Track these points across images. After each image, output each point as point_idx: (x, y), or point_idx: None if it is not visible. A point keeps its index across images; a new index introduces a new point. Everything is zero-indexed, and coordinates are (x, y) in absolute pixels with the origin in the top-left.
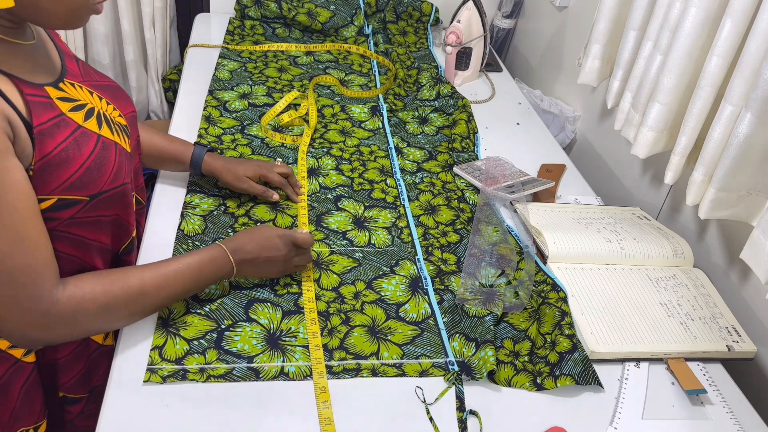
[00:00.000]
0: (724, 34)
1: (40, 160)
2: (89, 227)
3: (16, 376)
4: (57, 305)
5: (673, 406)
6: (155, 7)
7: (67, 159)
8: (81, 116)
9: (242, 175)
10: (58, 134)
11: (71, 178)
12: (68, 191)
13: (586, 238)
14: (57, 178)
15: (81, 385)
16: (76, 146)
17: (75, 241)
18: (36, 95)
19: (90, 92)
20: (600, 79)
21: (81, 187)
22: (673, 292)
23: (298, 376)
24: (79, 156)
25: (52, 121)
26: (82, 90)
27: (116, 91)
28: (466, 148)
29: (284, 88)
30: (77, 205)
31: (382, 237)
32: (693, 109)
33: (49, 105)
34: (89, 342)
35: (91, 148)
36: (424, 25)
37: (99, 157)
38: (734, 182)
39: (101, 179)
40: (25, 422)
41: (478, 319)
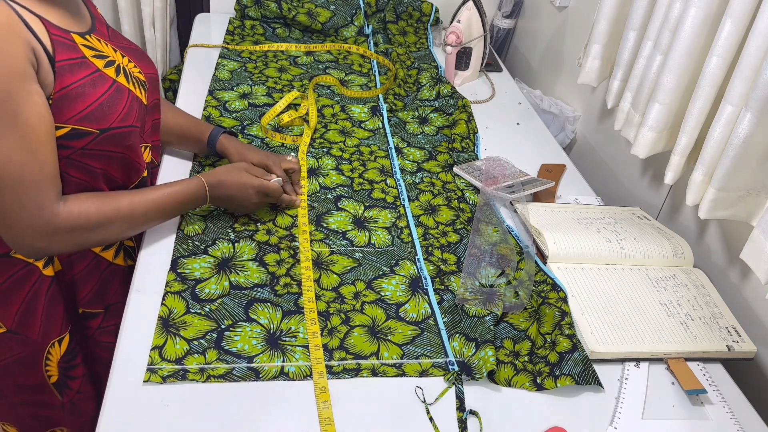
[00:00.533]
0: (724, 34)
1: (59, 91)
2: (99, 159)
3: (41, 289)
4: (57, 217)
5: (673, 406)
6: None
7: (83, 94)
8: (101, 63)
9: (247, 160)
10: (77, 72)
11: (84, 111)
12: (81, 122)
13: (586, 238)
14: (72, 109)
15: (97, 300)
16: (92, 85)
17: (86, 169)
18: (61, 36)
19: (114, 50)
20: (600, 79)
21: (93, 120)
22: (673, 292)
23: (298, 376)
24: (94, 93)
25: (73, 60)
26: (107, 46)
27: (141, 54)
28: (466, 148)
29: (284, 88)
30: (88, 137)
31: (382, 237)
32: (693, 109)
33: (72, 47)
34: (100, 259)
35: (105, 88)
36: (424, 25)
37: (112, 97)
38: (734, 182)
39: (111, 116)
40: (51, 336)
41: (478, 319)
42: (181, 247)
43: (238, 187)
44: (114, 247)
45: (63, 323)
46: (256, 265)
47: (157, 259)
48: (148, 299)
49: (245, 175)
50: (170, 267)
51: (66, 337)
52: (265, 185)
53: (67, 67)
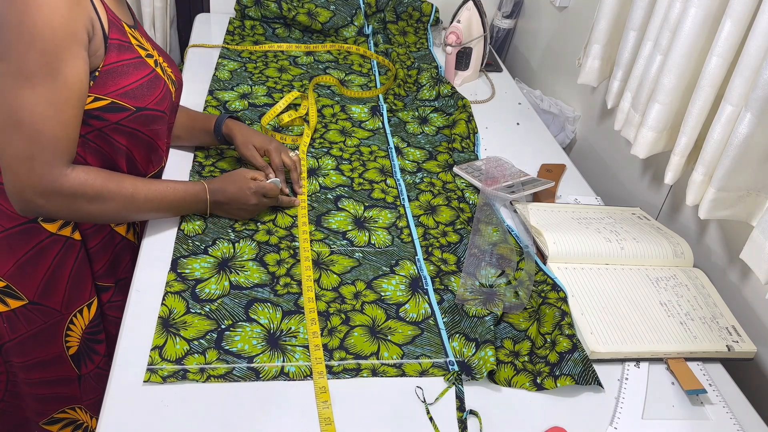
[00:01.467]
0: (724, 34)
1: (106, 66)
2: (126, 136)
3: (69, 254)
4: (62, 178)
5: (673, 406)
6: (155, 7)
7: (126, 72)
8: (143, 53)
9: (250, 143)
10: (124, 53)
11: (127, 87)
12: (121, 97)
13: (586, 238)
14: (116, 83)
15: (109, 274)
16: (136, 67)
17: (113, 145)
18: (115, 20)
19: (152, 48)
20: (600, 79)
21: (132, 98)
22: (673, 292)
23: (298, 376)
24: (137, 74)
25: (122, 42)
26: (147, 43)
27: (170, 58)
28: (466, 148)
29: (284, 88)
30: (125, 112)
31: (382, 237)
32: (693, 109)
33: (123, 31)
34: (114, 233)
35: (146, 73)
36: (424, 25)
37: (151, 81)
38: (734, 182)
39: (150, 97)
40: (76, 304)
41: (478, 319)
42: (181, 247)
43: (237, 188)
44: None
45: (91, 290)
46: (256, 265)
47: (157, 259)
48: (148, 299)
49: (243, 178)
50: (170, 267)
51: (95, 303)
52: (262, 185)
53: (116, 45)
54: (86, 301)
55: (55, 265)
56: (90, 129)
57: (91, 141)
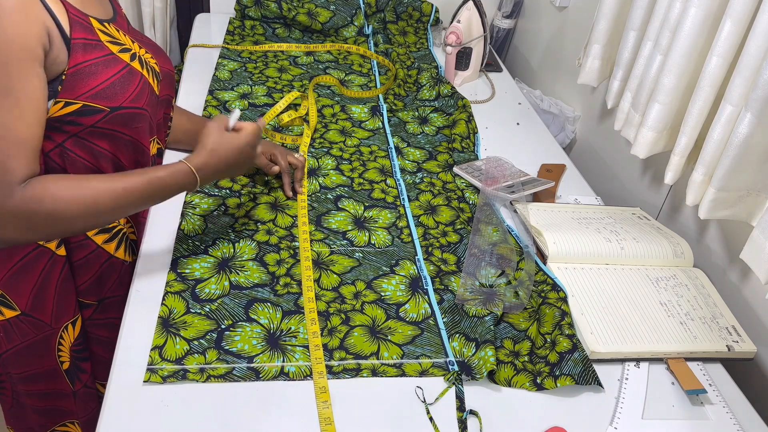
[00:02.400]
0: (724, 34)
1: (72, 68)
2: (107, 139)
3: (53, 269)
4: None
5: (673, 406)
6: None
7: (95, 72)
8: (116, 48)
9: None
10: (91, 51)
11: (97, 88)
12: (93, 99)
13: (586, 238)
14: (85, 85)
15: (91, 292)
16: (105, 65)
17: (93, 150)
18: (78, 17)
19: (132, 41)
20: (600, 79)
21: (104, 98)
22: (673, 292)
23: (298, 376)
24: (106, 72)
25: (88, 41)
26: (125, 37)
27: (159, 50)
28: (466, 148)
29: (284, 88)
30: (99, 114)
31: (382, 237)
32: (693, 109)
33: (89, 29)
34: (101, 252)
35: (118, 69)
36: (424, 25)
37: (124, 77)
38: (734, 182)
39: (123, 95)
40: (63, 319)
41: (478, 319)
42: (181, 247)
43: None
44: (116, 240)
45: (75, 306)
46: (256, 265)
47: (157, 259)
48: (148, 299)
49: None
50: (170, 267)
51: (79, 319)
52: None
53: (81, 45)
54: (71, 317)
55: (42, 278)
56: (66, 136)
57: (69, 150)
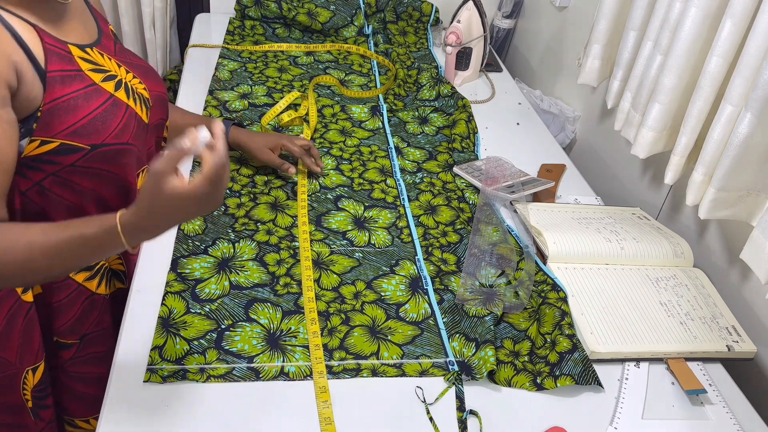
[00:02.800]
0: (724, 34)
1: (48, 103)
2: (89, 178)
3: (19, 313)
4: None
5: (673, 406)
6: (155, 7)
7: (75, 107)
8: (99, 77)
9: (263, 146)
10: (70, 84)
11: (76, 125)
12: (71, 137)
13: (586, 238)
14: (62, 122)
15: (73, 331)
16: (86, 98)
17: (74, 189)
18: (56, 46)
19: (118, 65)
20: (600, 79)
21: (84, 135)
22: (673, 292)
23: (298, 376)
24: (87, 106)
25: (66, 72)
26: (110, 61)
27: (149, 71)
28: (466, 148)
29: (284, 88)
30: (78, 152)
31: (382, 237)
32: (693, 109)
33: (68, 59)
34: (82, 289)
35: (100, 102)
36: (424, 25)
37: (106, 111)
38: (734, 182)
39: (105, 131)
40: (26, 362)
41: (478, 319)
42: (181, 247)
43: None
44: (98, 276)
45: (38, 352)
46: (256, 265)
47: (157, 259)
48: (148, 299)
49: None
50: (170, 267)
51: (41, 366)
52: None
53: (59, 78)
54: (33, 363)
55: (8, 318)
56: (44, 174)
57: (48, 189)
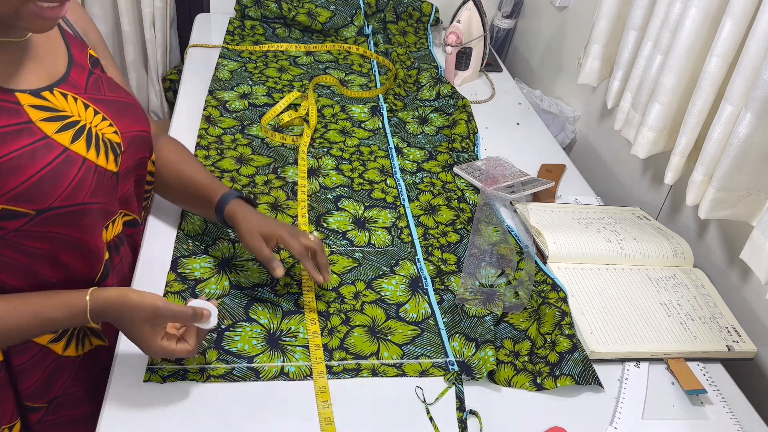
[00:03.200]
0: (724, 34)
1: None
2: (42, 240)
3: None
4: None
5: (673, 406)
6: (155, 7)
7: (17, 167)
8: (53, 127)
9: (255, 231)
10: (13, 142)
11: (17, 188)
12: (12, 202)
13: (586, 238)
14: (2, 186)
15: (39, 395)
16: (31, 156)
17: (26, 251)
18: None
19: (85, 105)
20: (600, 79)
21: (28, 200)
22: (673, 292)
23: (298, 376)
24: (32, 166)
25: (10, 127)
26: (75, 103)
27: (126, 108)
28: (466, 148)
29: (284, 88)
30: (23, 218)
31: (382, 237)
32: (693, 109)
33: (14, 111)
34: (48, 351)
35: (48, 160)
36: (424, 25)
37: (56, 170)
38: (734, 182)
39: (53, 194)
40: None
41: (478, 319)
42: (181, 247)
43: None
44: (65, 338)
45: (13, 411)
46: (256, 265)
47: (157, 259)
48: None
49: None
50: (170, 267)
51: (17, 425)
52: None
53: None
54: (8, 422)
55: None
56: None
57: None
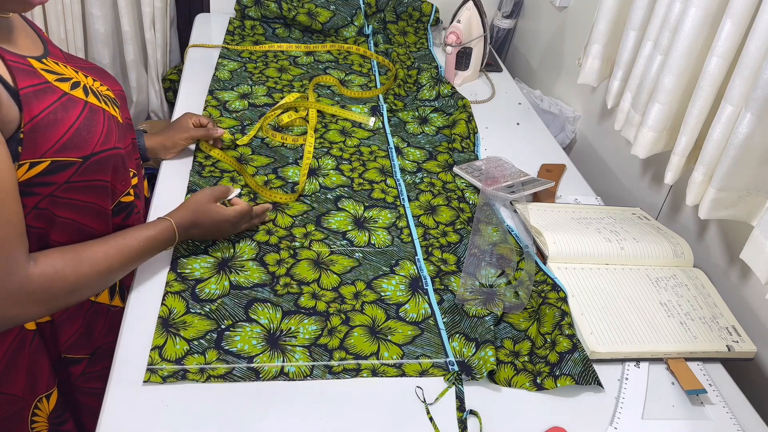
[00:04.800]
0: (724, 34)
1: (29, 123)
2: (84, 192)
3: (23, 344)
4: (30, 281)
5: (673, 406)
6: (155, 7)
7: (55, 121)
8: (67, 86)
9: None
10: (44, 98)
11: (62, 139)
12: (60, 152)
13: (586, 238)
14: (48, 139)
15: (81, 345)
16: (64, 109)
17: (74, 206)
18: (19, 62)
19: (75, 71)
20: (600, 79)
21: (72, 148)
22: (673, 292)
23: (298, 376)
24: (68, 118)
25: (37, 86)
26: (67, 68)
27: (101, 71)
28: (466, 148)
29: (284, 88)
30: (71, 167)
31: (382, 237)
32: (693, 109)
33: (33, 73)
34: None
35: (78, 112)
36: (424, 25)
37: (87, 119)
38: (734, 182)
39: (92, 140)
40: (37, 391)
41: (478, 319)
42: (181, 247)
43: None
44: None
45: (49, 378)
46: (256, 265)
47: (157, 259)
48: (148, 299)
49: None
50: (170, 267)
51: (54, 393)
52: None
53: (32, 94)
54: (45, 390)
55: (12, 350)
56: (39, 198)
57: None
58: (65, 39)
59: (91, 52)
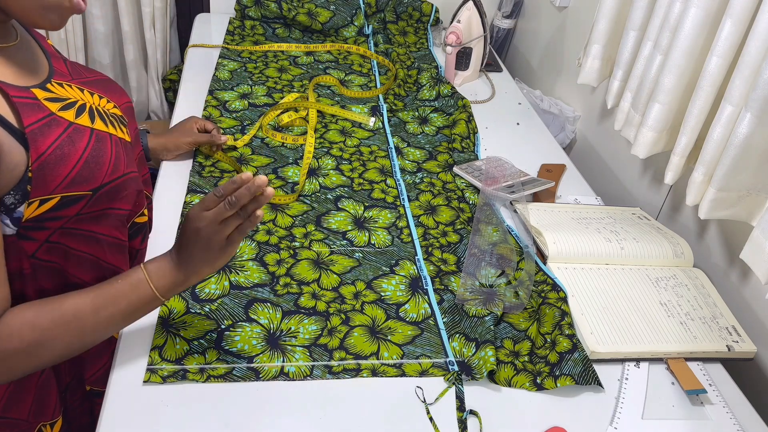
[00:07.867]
0: (724, 34)
1: (36, 161)
2: (97, 222)
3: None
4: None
5: (673, 406)
6: (155, 7)
7: (62, 156)
8: (72, 114)
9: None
10: (50, 133)
11: (71, 174)
12: (70, 187)
13: (586, 238)
14: (57, 175)
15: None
16: (70, 142)
17: (87, 236)
18: (23, 97)
19: (80, 89)
20: (600, 79)
21: (82, 182)
22: (673, 292)
23: (298, 376)
24: (75, 151)
25: (42, 121)
26: (72, 88)
27: (108, 84)
28: (466, 148)
29: (284, 88)
30: (81, 201)
31: (382, 237)
32: (693, 109)
33: (37, 106)
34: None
35: (85, 143)
36: (424, 25)
37: (95, 149)
38: (734, 182)
39: (100, 171)
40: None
41: (478, 319)
42: None
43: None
44: None
45: (55, 408)
46: (256, 265)
47: None
48: None
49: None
50: None
51: (58, 422)
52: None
53: (37, 130)
54: (50, 419)
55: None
56: (49, 232)
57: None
58: (65, 39)
59: (91, 52)
